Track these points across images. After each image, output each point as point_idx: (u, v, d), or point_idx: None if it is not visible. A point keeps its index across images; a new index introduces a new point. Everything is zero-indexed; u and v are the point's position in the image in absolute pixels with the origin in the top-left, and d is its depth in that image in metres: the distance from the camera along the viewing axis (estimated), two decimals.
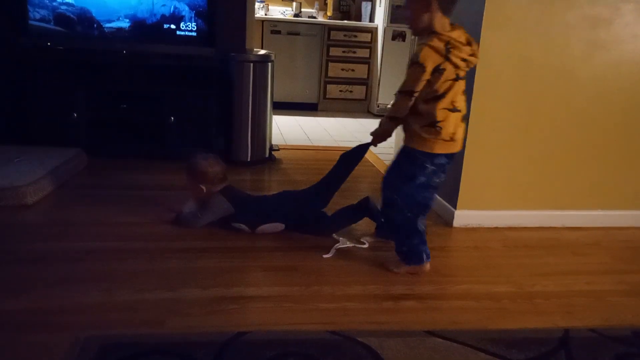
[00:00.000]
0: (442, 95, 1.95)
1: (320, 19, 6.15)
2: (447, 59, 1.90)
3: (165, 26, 3.42)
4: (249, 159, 3.58)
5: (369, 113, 6.08)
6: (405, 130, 2.08)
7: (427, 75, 1.90)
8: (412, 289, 2.04)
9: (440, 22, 1.92)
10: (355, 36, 5.88)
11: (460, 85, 1.98)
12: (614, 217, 2.86)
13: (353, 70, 5.98)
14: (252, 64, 3.45)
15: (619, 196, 2.85)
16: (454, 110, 1.98)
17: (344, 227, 2.49)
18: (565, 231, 2.78)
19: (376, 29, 5.90)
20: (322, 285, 2.01)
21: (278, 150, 3.80)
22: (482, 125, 2.61)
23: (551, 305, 2.00)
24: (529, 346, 1.68)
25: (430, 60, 1.89)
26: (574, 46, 2.58)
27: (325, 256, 2.26)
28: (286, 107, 5.77)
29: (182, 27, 3.44)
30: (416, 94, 1.95)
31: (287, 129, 4.88)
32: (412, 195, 2.08)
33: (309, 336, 1.65)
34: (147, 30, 3.41)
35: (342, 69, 5.96)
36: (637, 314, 1.97)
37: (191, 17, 3.43)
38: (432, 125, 1.98)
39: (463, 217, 2.72)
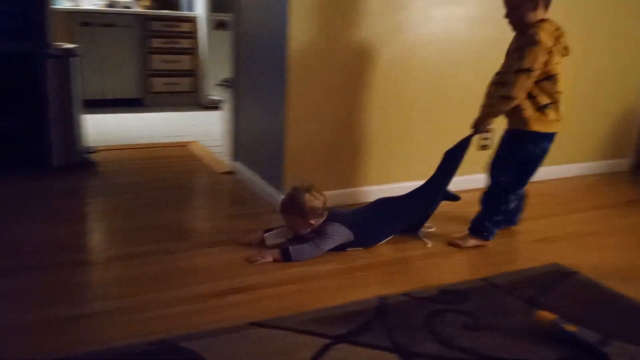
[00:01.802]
0: (555, 77, 2.18)
1: (137, 8, 5.81)
2: (558, 42, 2.16)
3: None
4: (57, 164, 3.26)
5: (198, 105, 5.92)
6: (514, 114, 2.25)
7: (544, 54, 2.11)
8: (243, 281, 2.02)
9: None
10: (177, 26, 5.66)
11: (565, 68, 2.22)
12: None
13: (178, 61, 5.76)
14: (53, 60, 3.14)
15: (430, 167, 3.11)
16: (561, 92, 2.23)
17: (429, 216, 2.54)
18: None
19: (198, 18, 5.74)
20: (146, 294, 1.91)
21: (95, 152, 3.53)
22: (301, 110, 2.66)
23: (369, 276, 2.12)
24: (349, 319, 1.75)
25: (548, 39, 2.12)
26: (377, 30, 2.74)
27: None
28: (106, 105, 5.38)
29: None
30: (536, 73, 2.13)
31: (107, 129, 4.56)
32: (527, 175, 2.35)
33: (129, 350, 1.55)
34: None
35: (166, 61, 5.71)
36: (441, 272, 2.18)
37: None
38: (547, 107, 2.20)
39: None
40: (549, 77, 2.19)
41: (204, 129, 4.64)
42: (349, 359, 1.56)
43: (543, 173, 2.75)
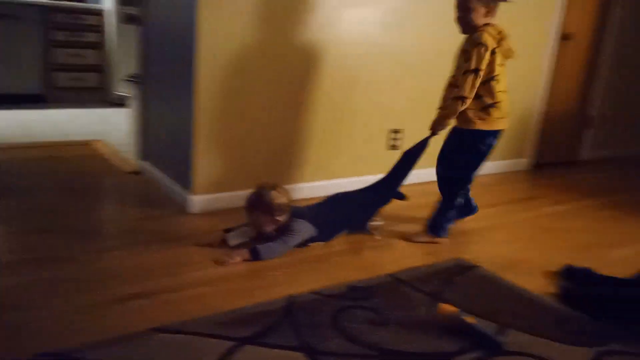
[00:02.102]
0: (497, 77, 2.32)
1: None
2: (500, 45, 2.31)
3: None
4: None
5: (106, 102, 5.65)
6: (460, 114, 2.36)
7: (488, 55, 2.26)
8: (144, 285, 1.94)
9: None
10: (82, 19, 5.38)
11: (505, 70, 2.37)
12: (337, 185, 3.14)
13: (83, 56, 5.47)
14: None
15: (340, 166, 3.15)
16: (505, 91, 2.38)
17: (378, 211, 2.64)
18: (300, 203, 2.96)
19: (105, 11, 5.48)
20: (42, 303, 1.78)
21: None
22: (210, 108, 2.60)
23: (280, 275, 2.10)
24: (256, 320, 1.73)
25: (491, 41, 2.28)
26: (290, 26, 2.73)
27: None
28: (4, 101, 5.01)
29: None
30: (481, 72, 2.27)
31: (5, 126, 4.24)
32: (474, 169, 2.49)
33: None
34: None
35: (71, 55, 5.40)
36: (352, 269, 2.20)
37: None
38: (491, 106, 2.35)
39: (200, 202, 2.69)
40: (492, 78, 2.33)
41: (111, 127, 4.44)
42: None
43: None
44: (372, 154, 3.26)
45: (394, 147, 3.32)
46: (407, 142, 3.33)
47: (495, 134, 2.43)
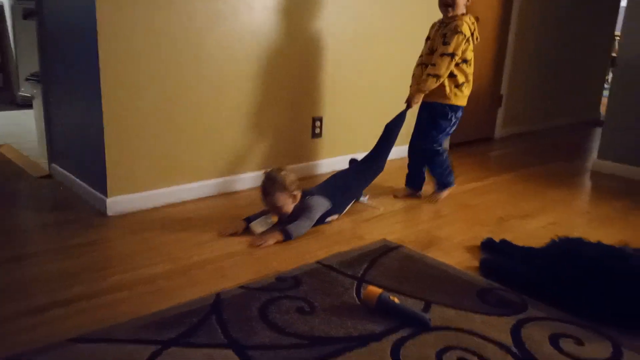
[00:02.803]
0: (469, 61, 2.73)
1: None
2: (473, 33, 2.70)
3: None
4: None
5: (11, 104, 5.29)
6: (436, 91, 2.73)
7: (464, 43, 2.64)
8: (60, 293, 1.83)
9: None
10: None
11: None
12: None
13: None
14: None
15: (264, 156, 3.10)
16: (472, 73, 2.79)
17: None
18: (222, 198, 2.90)
19: (1, 6, 5.11)
20: None
21: None
22: (119, 103, 2.48)
23: (206, 273, 2.05)
24: (181, 321, 1.67)
25: (467, 30, 2.65)
26: (200, 17, 2.64)
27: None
28: None
29: None
30: (457, 58, 2.66)
31: None
32: (448, 136, 2.95)
33: None
34: None
35: None
36: (281, 260, 2.17)
37: None
38: (463, 85, 2.74)
39: (117, 203, 2.57)
40: (465, 61, 2.73)
41: (18, 130, 4.16)
42: None
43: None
44: (296, 143, 3.24)
45: (316, 136, 3.32)
46: (328, 130, 3.35)
47: (463, 108, 2.83)
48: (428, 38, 2.88)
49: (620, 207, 3.00)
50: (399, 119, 2.86)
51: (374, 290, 1.80)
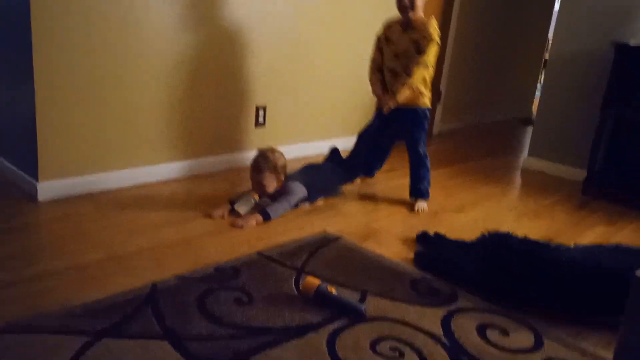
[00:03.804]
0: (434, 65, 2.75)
1: None
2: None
3: None
4: None
5: None
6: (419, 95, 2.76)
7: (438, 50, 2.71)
8: None
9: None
10: None
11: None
12: (202, 164, 3.06)
13: None
14: None
15: (203, 144, 3.05)
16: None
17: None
18: (159, 186, 2.84)
19: None
20: None
21: None
22: (52, 84, 2.37)
23: (142, 262, 2.00)
24: (114, 311, 1.63)
25: (438, 38, 2.68)
26: None
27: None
28: None
29: None
30: (431, 69, 2.72)
31: None
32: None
33: None
34: None
35: None
36: (220, 251, 2.15)
37: None
38: (426, 88, 2.78)
39: (48, 188, 2.47)
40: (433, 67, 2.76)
41: None
42: (115, 353, 1.45)
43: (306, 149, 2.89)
44: (239, 131, 3.21)
45: (259, 125, 3.30)
46: (271, 119, 3.34)
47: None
48: (387, 39, 2.82)
49: (547, 203, 3.16)
50: (371, 126, 2.97)
51: (313, 281, 1.82)
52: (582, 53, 3.56)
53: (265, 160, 2.54)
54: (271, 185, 2.56)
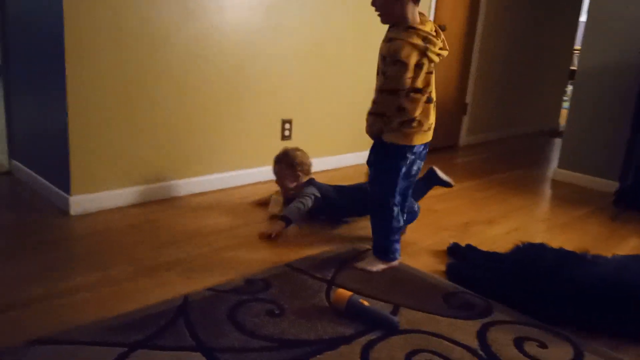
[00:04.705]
0: (421, 90, 1.95)
1: None
2: (425, 55, 1.90)
3: None
4: None
5: None
6: (382, 125, 2.01)
7: (410, 73, 1.89)
8: (18, 295, 1.77)
9: (413, 13, 1.90)
10: None
11: (433, 77, 1.99)
12: (230, 178, 3.08)
13: None
14: None
15: (231, 158, 3.08)
16: (429, 101, 2.00)
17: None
18: (189, 198, 2.86)
19: None
20: None
21: None
22: (84, 101, 2.42)
23: (172, 274, 2.01)
24: (148, 323, 1.64)
25: (412, 58, 1.88)
26: (167, 15, 2.60)
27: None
28: None
29: None
30: (402, 92, 1.92)
31: None
32: (395, 186, 2.07)
33: None
34: None
35: None
36: (249, 264, 2.15)
37: None
38: (413, 120, 1.97)
39: (79, 202, 2.50)
40: (416, 91, 1.99)
41: None
42: None
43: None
44: (265, 145, 3.22)
45: (285, 138, 3.31)
46: (297, 132, 3.35)
47: (414, 147, 2.08)
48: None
49: (578, 215, 3.10)
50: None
51: (344, 293, 1.80)
52: (611, 63, 3.51)
53: (284, 155, 2.64)
54: (286, 180, 2.62)
